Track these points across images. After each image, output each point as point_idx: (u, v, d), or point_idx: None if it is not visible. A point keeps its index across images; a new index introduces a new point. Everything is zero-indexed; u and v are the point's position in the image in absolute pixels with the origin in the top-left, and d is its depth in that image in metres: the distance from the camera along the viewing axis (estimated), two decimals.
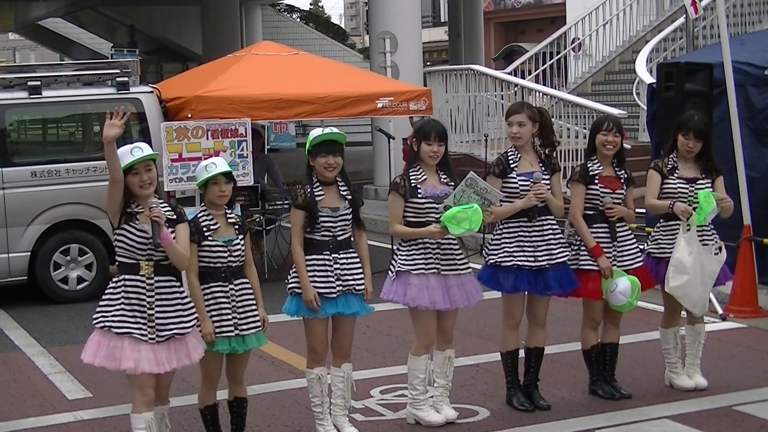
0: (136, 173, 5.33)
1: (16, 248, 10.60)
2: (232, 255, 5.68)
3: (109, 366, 5.32)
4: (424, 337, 6.36)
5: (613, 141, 6.68)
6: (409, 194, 6.21)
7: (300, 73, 12.09)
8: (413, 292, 6.21)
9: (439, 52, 43.50)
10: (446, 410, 6.46)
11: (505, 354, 6.65)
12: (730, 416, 6.50)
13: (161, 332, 5.32)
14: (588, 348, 6.85)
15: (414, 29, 17.47)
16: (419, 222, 6.21)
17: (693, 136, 6.87)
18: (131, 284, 5.33)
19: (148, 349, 5.29)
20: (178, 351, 5.39)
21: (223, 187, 5.69)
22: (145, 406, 5.37)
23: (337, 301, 6.01)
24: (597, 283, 6.66)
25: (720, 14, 9.69)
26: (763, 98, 10.01)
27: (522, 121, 6.48)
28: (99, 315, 5.39)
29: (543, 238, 6.46)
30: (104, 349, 5.31)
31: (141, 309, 5.31)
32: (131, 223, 5.32)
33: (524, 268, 6.43)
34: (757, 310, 9.24)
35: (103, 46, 38.01)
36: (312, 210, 5.96)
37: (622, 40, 19.77)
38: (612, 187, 6.70)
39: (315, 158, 6.00)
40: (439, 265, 6.25)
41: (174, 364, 5.38)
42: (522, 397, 6.61)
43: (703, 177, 6.92)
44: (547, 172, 6.51)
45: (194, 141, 10.70)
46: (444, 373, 6.46)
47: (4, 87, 10.73)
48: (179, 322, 5.38)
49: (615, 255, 6.69)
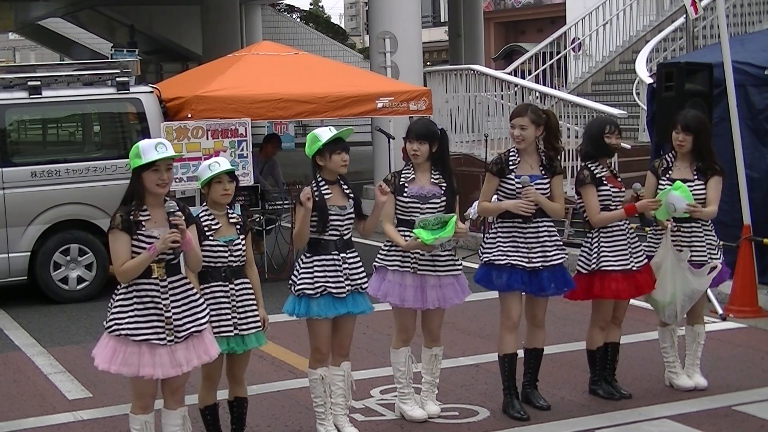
0: (157, 170, 5.18)
1: (16, 248, 10.60)
2: (233, 255, 5.68)
3: (127, 372, 5.19)
4: (402, 332, 6.49)
5: (617, 143, 6.70)
6: (397, 192, 6.27)
7: (300, 73, 12.09)
8: (386, 287, 6.33)
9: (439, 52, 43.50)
10: (430, 406, 6.54)
11: (502, 357, 6.61)
12: (730, 416, 6.50)
13: (179, 333, 5.22)
14: (593, 348, 6.85)
15: (414, 29, 17.46)
16: (404, 220, 6.30)
17: (681, 130, 6.84)
18: (144, 288, 5.19)
19: (164, 353, 5.18)
20: (197, 349, 5.31)
21: (226, 185, 5.68)
22: (141, 410, 5.36)
23: (346, 300, 6.05)
24: (619, 283, 6.66)
25: (720, 14, 9.69)
26: (763, 98, 10.01)
27: (524, 124, 6.43)
28: (113, 323, 5.20)
29: (538, 240, 6.44)
30: (121, 355, 5.16)
31: (157, 313, 5.18)
32: (139, 231, 5.16)
33: (518, 268, 6.42)
34: (757, 310, 9.24)
35: (103, 46, 37.99)
36: (323, 209, 5.97)
37: (622, 40, 19.76)
38: (618, 186, 6.73)
39: (330, 156, 6.01)
40: (416, 264, 6.30)
41: (194, 363, 5.28)
42: (518, 404, 6.56)
43: (696, 178, 6.85)
44: (547, 176, 6.48)
45: (194, 141, 10.72)
46: (430, 370, 6.55)
47: (4, 87, 10.74)
48: (195, 320, 5.30)
49: (631, 252, 6.70)
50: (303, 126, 31.62)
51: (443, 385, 6.88)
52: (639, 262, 6.75)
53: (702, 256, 6.90)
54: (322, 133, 6.02)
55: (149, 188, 5.21)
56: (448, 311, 6.62)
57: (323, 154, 6.02)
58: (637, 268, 6.73)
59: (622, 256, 6.67)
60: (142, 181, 5.21)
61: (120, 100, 11.12)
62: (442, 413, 6.56)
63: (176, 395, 5.42)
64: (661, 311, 6.98)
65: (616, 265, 6.65)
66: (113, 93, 11.05)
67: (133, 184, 5.24)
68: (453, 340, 8.30)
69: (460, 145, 15.66)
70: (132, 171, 5.25)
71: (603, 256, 6.67)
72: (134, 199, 5.22)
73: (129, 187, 5.27)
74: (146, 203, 5.22)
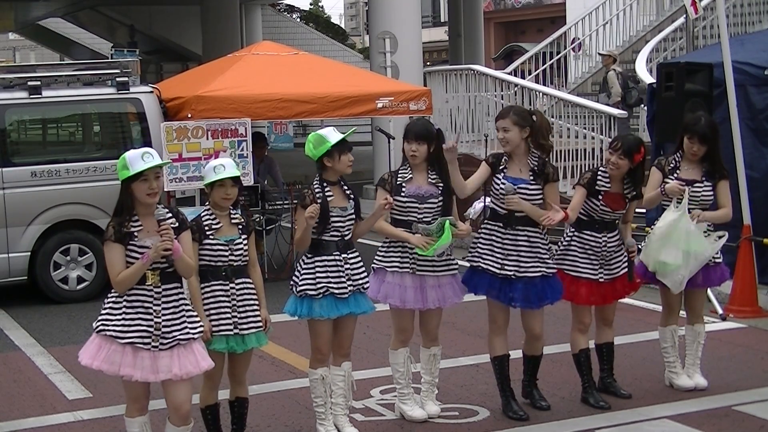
0: (146, 180, 5.18)
1: (16, 248, 10.60)
2: (233, 254, 5.68)
3: (107, 370, 5.23)
4: (400, 333, 6.48)
5: (616, 162, 6.54)
6: (394, 191, 6.25)
7: (300, 73, 12.10)
8: (386, 288, 6.31)
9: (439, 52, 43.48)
10: (430, 406, 6.54)
11: (493, 359, 6.61)
12: (730, 416, 6.50)
13: (165, 340, 5.23)
14: (576, 352, 6.82)
15: (414, 29, 17.47)
16: (401, 219, 6.27)
17: (698, 141, 6.82)
18: (137, 294, 5.21)
19: (147, 356, 5.20)
20: (182, 359, 5.27)
21: (228, 190, 5.67)
22: (138, 412, 5.39)
23: (348, 301, 6.04)
24: (587, 289, 6.64)
25: (720, 14, 9.69)
26: (764, 98, 10.01)
27: (506, 126, 6.36)
28: (100, 324, 5.26)
29: (515, 248, 6.34)
30: (104, 352, 5.22)
31: (146, 318, 5.20)
32: (132, 242, 5.18)
33: (488, 273, 6.37)
34: (757, 310, 9.24)
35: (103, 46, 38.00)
36: (325, 211, 5.96)
37: (622, 40, 19.74)
38: (613, 206, 6.60)
39: (339, 157, 6.00)
40: (414, 265, 6.29)
41: (176, 371, 5.23)
42: (515, 405, 6.54)
43: (704, 180, 6.87)
44: (536, 182, 6.36)
45: (194, 141, 10.71)
46: (429, 370, 6.54)
47: (4, 87, 10.74)
48: (183, 329, 5.29)
49: (602, 263, 6.65)
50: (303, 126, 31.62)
51: (443, 385, 6.89)
52: (610, 275, 6.67)
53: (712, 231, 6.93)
54: (329, 135, 6.00)
55: (139, 198, 5.21)
56: (447, 311, 6.63)
57: (332, 155, 5.99)
58: (605, 280, 6.66)
59: (591, 266, 6.63)
60: (131, 192, 5.22)
61: (120, 100, 11.12)
62: (442, 413, 6.56)
63: (179, 411, 5.36)
64: (668, 276, 6.83)
65: (582, 272, 6.62)
66: (113, 93, 11.05)
67: (123, 196, 5.24)
68: (453, 340, 8.30)
69: (460, 145, 15.56)
70: (121, 182, 5.25)
71: (571, 258, 6.64)
72: (124, 211, 5.22)
73: (120, 198, 5.26)
74: (138, 213, 5.23)
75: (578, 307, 6.76)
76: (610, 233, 6.65)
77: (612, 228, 6.67)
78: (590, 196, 6.60)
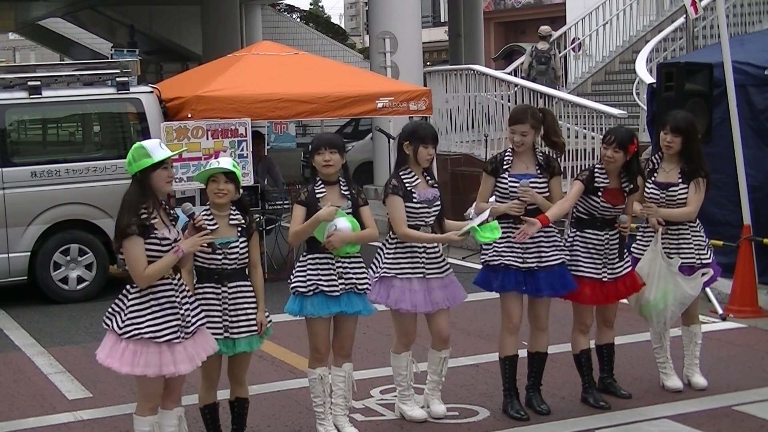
0: (166, 167, 5.22)
1: (16, 248, 10.60)
2: (227, 257, 5.62)
3: (152, 373, 5.17)
4: (404, 337, 6.46)
5: (612, 156, 6.51)
6: (406, 198, 6.23)
7: (300, 73, 12.10)
8: (396, 294, 6.27)
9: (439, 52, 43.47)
10: (436, 406, 6.53)
11: (503, 359, 6.59)
12: (730, 416, 6.51)
13: (189, 328, 5.28)
14: (578, 353, 6.81)
15: (414, 29, 17.46)
16: (411, 225, 6.24)
17: (670, 131, 6.79)
18: (161, 289, 5.21)
19: (181, 349, 5.22)
20: (204, 343, 5.37)
21: (221, 185, 5.61)
22: (150, 411, 5.35)
23: (340, 299, 6.02)
24: (591, 288, 6.63)
25: (720, 14, 9.69)
26: (764, 98, 10.00)
27: (525, 131, 6.39)
28: (132, 327, 5.16)
29: (533, 241, 6.39)
30: (142, 357, 5.15)
31: (173, 311, 5.21)
32: (152, 235, 5.16)
33: (512, 268, 6.40)
34: (757, 310, 9.24)
35: (103, 46, 37.99)
36: (311, 206, 5.96)
37: (622, 40, 19.75)
38: (614, 202, 6.58)
39: (313, 157, 6.05)
40: (424, 269, 6.29)
41: (203, 356, 5.34)
42: (518, 404, 6.55)
43: (680, 182, 6.82)
44: (543, 176, 6.45)
45: (194, 141, 10.72)
46: (438, 371, 6.53)
47: (4, 87, 10.74)
48: (198, 314, 5.38)
49: (605, 262, 6.63)
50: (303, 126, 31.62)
51: (443, 384, 6.87)
52: (613, 274, 6.65)
53: (691, 258, 6.90)
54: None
55: (159, 187, 5.22)
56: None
57: (311, 155, 6.09)
58: (608, 279, 6.64)
59: (594, 265, 6.62)
60: (149, 182, 5.19)
61: (120, 100, 11.12)
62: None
63: (173, 395, 5.42)
64: (651, 319, 6.92)
65: (586, 272, 6.61)
66: (113, 93, 11.05)
67: (140, 187, 5.19)
68: (453, 340, 8.22)
69: (460, 145, 15.64)
70: (139, 172, 5.19)
71: (575, 258, 6.63)
72: (147, 201, 5.17)
73: (136, 190, 5.19)
74: (152, 205, 5.20)
75: (580, 307, 6.76)
76: (612, 231, 6.66)
77: (613, 225, 6.68)
78: (590, 194, 6.60)
